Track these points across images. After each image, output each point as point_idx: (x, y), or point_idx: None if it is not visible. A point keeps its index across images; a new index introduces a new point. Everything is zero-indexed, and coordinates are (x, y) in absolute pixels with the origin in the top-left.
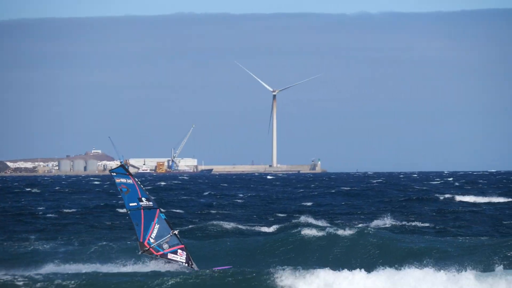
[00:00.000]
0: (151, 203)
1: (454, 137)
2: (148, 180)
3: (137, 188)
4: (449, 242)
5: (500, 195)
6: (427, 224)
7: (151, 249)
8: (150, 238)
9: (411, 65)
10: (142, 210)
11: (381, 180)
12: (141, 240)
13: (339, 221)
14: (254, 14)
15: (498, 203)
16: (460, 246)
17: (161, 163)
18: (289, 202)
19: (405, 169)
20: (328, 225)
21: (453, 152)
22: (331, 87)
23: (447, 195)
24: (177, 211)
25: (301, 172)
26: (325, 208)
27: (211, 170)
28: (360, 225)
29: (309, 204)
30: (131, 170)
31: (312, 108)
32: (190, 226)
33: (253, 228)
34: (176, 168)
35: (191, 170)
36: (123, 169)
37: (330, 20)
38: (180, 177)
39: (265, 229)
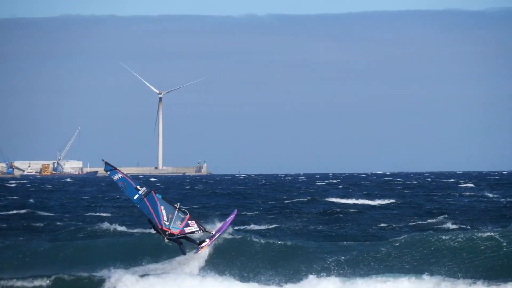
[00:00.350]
0: (144, 188)
1: (337, 138)
2: (31, 183)
3: (129, 179)
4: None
5: (384, 197)
6: (316, 227)
7: (170, 232)
8: (163, 221)
9: (299, 67)
10: (145, 199)
11: (264, 182)
12: (160, 227)
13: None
14: (140, 16)
15: (380, 205)
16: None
17: (46, 166)
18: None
19: (290, 171)
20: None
21: (339, 154)
22: (217, 89)
23: (332, 199)
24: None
25: (186, 174)
26: (210, 210)
27: (96, 172)
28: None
29: (196, 206)
30: (16, 172)
31: (198, 110)
32: (72, 228)
33: (129, 229)
34: (61, 171)
35: (77, 173)
36: (109, 166)
37: (217, 22)
38: (63, 180)
39: (139, 230)
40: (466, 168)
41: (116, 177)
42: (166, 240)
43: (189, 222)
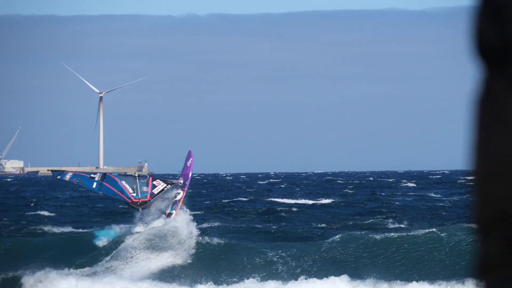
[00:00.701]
0: (98, 173)
1: (278, 137)
2: None
3: (80, 173)
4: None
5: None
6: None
7: (141, 200)
8: (130, 194)
9: (240, 67)
10: (102, 182)
11: (206, 181)
12: (130, 201)
13: None
14: (81, 15)
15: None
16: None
17: None
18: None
19: (231, 170)
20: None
21: (280, 153)
22: (157, 89)
23: (273, 198)
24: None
25: (128, 173)
26: None
27: (37, 172)
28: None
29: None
30: None
31: (139, 109)
32: (13, 228)
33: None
34: (2, 170)
35: (18, 172)
36: (56, 172)
37: (158, 22)
38: (4, 180)
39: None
40: (408, 168)
41: (68, 177)
42: (141, 210)
43: (154, 182)
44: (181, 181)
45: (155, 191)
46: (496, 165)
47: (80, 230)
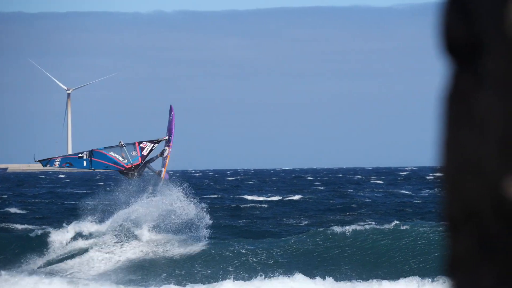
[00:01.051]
0: (85, 151)
1: (246, 134)
2: None
3: (67, 156)
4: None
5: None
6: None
7: (134, 165)
8: (122, 162)
9: (207, 64)
10: (91, 158)
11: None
12: (124, 168)
13: None
14: (48, 12)
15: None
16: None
17: None
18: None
19: (200, 167)
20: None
21: (249, 150)
22: (125, 86)
23: (242, 195)
24: None
25: (96, 170)
26: None
27: (6, 168)
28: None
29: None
30: None
31: (107, 106)
32: None
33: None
34: None
35: None
36: (44, 161)
37: (125, 19)
38: None
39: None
40: (376, 164)
41: (57, 164)
42: (136, 176)
43: (141, 145)
44: (166, 137)
45: (144, 152)
46: (465, 161)
47: (46, 228)
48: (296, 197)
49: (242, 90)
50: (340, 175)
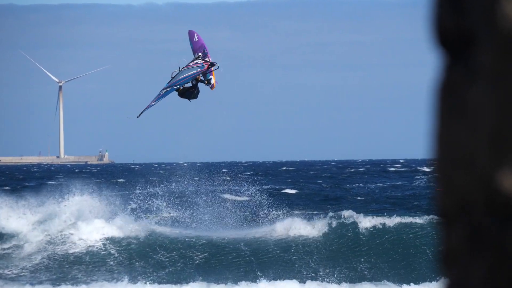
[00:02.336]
0: (163, 89)
1: (237, 126)
2: None
3: (158, 97)
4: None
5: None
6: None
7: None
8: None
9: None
10: (169, 88)
11: (163, 172)
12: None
13: None
14: (40, 5)
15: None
16: None
17: None
18: None
19: (192, 159)
20: None
21: (247, 142)
22: (118, 78)
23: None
24: None
25: (88, 163)
26: None
27: None
28: None
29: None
30: None
31: (99, 99)
32: None
33: None
34: None
35: None
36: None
37: (117, 11)
38: None
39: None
40: (366, 157)
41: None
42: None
43: (193, 64)
44: (200, 54)
45: (200, 62)
46: (457, 154)
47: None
48: (292, 191)
49: (232, 82)
50: (335, 169)
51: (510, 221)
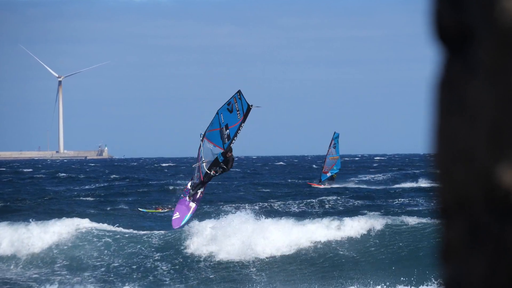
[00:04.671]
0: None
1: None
2: None
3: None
4: None
5: None
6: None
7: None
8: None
9: (199, 52)
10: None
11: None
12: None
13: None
14: (39, 0)
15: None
16: None
17: None
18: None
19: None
20: None
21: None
22: (118, 73)
23: None
24: None
25: (88, 157)
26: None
27: None
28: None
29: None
30: None
31: (100, 94)
32: None
33: None
34: None
35: None
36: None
37: (119, 6)
38: None
39: None
40: (365, 152)
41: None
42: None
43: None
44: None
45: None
46: (456, 149)
47: None
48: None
49: (234, 77)
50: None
51: (509, 216)
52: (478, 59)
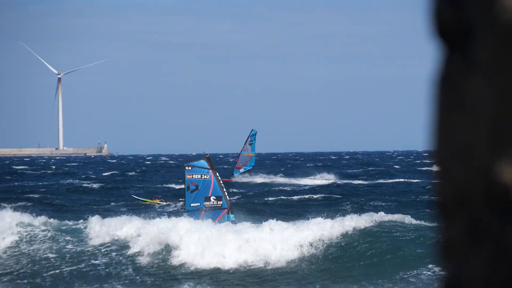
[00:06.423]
0: (220, 203)
1: (238, 117)
2: None
3: (212, 185)
4: None
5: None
6: None
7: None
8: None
9: (198, 48)
10: (203, 211)
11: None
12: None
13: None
14: None
15: None
16: None
17: None
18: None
19: (195, 151)
20: None
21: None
22: (118, 70)
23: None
24: None
25: (87, 154)
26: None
27: None
28: None
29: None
30: None
31: (99, 91)
32: None
33: None
34: None
35: None
36: (205, 163)
37: (120, 3)
38: None
39: None
40: (365, 148)
41: (191, 176)
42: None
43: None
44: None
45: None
46: (456, 146)
47: None
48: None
49: (234, 74)
50: (344, 159)
51: (509, 213)
52: (478, 56)
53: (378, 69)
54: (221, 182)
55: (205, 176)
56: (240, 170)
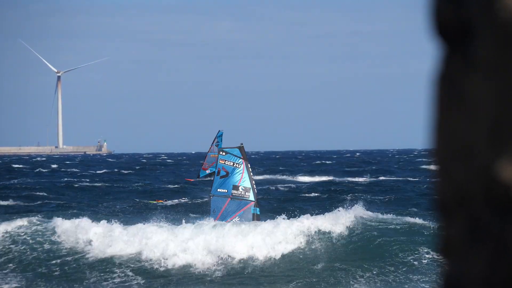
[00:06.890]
0: (248, 194)
1: (241, 116)
2: None
3: (242, 175)
4: None
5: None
6: None
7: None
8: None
9: (199, 47)
10: (229, 199)
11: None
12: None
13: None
14: None
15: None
16: None
17: None
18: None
19: (193, 149)
20: None
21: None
22: (117, 68)
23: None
24: None
25: (87, 153)
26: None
27: None
28: None
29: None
30: None
31: (99, 89)
32: None
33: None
34: None
35: None
36: (239, 152)
37: (119, 2)
38: None
39: None
40: (364, 147)
41: (224, 162)
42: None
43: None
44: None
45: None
46: (455, 145)
47: None
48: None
49: (234, 73)
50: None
51: (509, 213)
52: (477, 55)
53: (378, 68)
54: (251, 174)
55: (237, 165)
56: (207, 171)
